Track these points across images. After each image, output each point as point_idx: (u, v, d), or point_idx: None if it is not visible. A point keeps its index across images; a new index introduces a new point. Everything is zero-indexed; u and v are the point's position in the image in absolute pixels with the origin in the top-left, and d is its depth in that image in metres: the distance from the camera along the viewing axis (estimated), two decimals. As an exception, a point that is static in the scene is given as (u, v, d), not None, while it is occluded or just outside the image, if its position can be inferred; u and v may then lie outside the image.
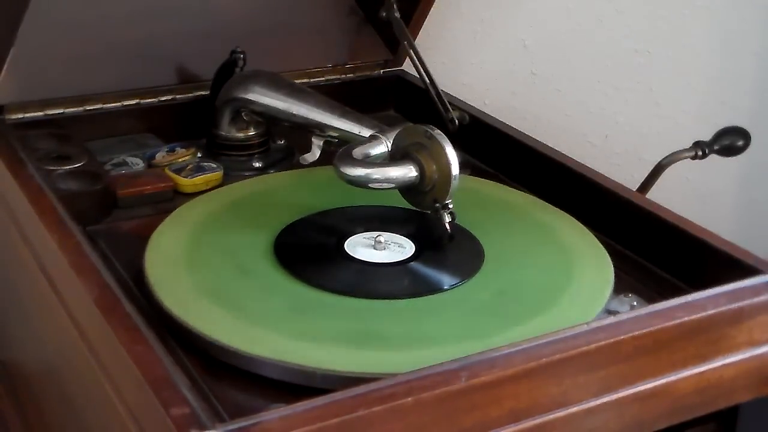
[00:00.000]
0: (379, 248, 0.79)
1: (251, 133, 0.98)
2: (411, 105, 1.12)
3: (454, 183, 0.79)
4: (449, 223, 0.80)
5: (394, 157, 0.83)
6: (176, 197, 0.91)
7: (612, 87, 1.42)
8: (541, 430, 0.63)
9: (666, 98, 1.45)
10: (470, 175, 0.96)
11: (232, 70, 0.99)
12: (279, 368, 0.65)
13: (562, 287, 0.75)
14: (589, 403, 0.65)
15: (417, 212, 0.84)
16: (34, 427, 0.90)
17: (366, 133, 0.87)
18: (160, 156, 0.96)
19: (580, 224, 0.85)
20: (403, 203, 0.84)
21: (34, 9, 0.89)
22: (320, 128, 0.92)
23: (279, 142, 1.01)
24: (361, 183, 0.79)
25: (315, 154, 0.94)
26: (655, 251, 0.82)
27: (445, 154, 0.79)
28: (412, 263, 0.78)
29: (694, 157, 1.04)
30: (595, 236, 0.83)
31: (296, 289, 0.75)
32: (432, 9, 1.10)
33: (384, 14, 1.04)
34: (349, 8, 1.12)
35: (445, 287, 0.76)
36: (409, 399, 0.58)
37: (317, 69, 1.11)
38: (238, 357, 0.67)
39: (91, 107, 0.99)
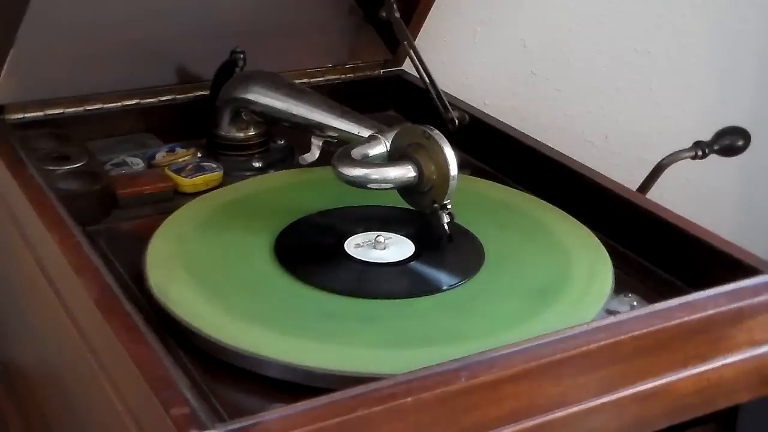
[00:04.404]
0: (379, 248, 0.79)
1: (251, 133, 0.98)
2: (411, 105, 1.12)
3: (453, 183, 0.79)
4: (448, 223, 0.80)
5: (392, 158, 0.83)
6: (176, 197, 0.91)
7: (612, 87, 1.42)
8: (541, 430, 0.63)
9: (666, 98, 1.45)
10: (470, 175, 0.96)
11: (232, 70, 0.99)
12: (279, 368, 0.65)
13: (562, 287, 0.75)
14: (589, 403, 0.65)
15: (417, 212, 0.84)
16: (34, 427, 0.90)
17: (365, 133, 0.87)
18: (160, 156, 0.96)
19: (580, 224, 0.85)
20: (404, 203, 0.84)
21: (34, 9, 0.89)
22: (320, 128, 0.92)
23: (279, 142, 1.01)
24: (359, 183, 0.79)
25: (314, 154, 0.94)
26: (655, 251, 0.82)
27: (444, 154, 0.79)
28: (412, 263, 0.78)
29: (694, 157, 1.04)
30: (595, 236, 0.83)
31: (296, 289, 0.75)
32: (432, 9, 1.10)
33: (384, 14, 1.04)
34: (349, 8, 1.12)
35: (445, 287, 0.76)
36: (409, 399, 0.58)
37: (317, 69, 1.11)
38: (238, 357, 0.67)
39: (91, 107, 0.99)
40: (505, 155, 0.98)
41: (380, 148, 0.83)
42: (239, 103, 0.96)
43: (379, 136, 0.84)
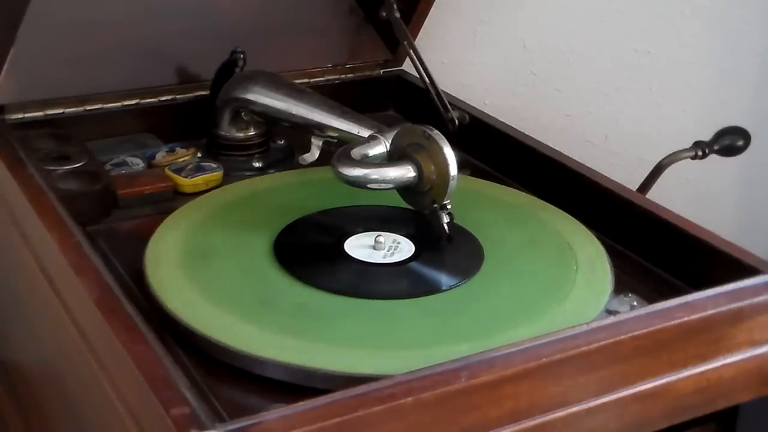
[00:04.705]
0: (379, 248, 0.79)
1: (251, 133, 0.98)
2: (411, 105, 1.12)
3: (452, 183, 0.79)
4: (447, 223, 0.80)
5: (392, 158, 0.83)
6: (176, 197, 0.91)
7: (612, 87, 1.42)
8: (541, 430, 0.63)
9: (666, 98, 1.45)
10: (470, 175, 0.96)
11: (232, 70, 0.99)
12: (279, 368, 0.65)
13: (562, 287, 0.75)
14: (589, 403, 0.65)
15: (417, 212, 0.84)
16: (34, 427, 0.90)
17: (365, 133, 0.87)
18: (160, 156, 0.96)
19: (580, 224, 0.85)
20: (404, 203, 0.84)
21: (34, 9, 0.89)
22: (319, 128, 0.92)
23: (279, 142, 1.01)
24: (359, 183, 0.79)
25: (314, 154, 0.94)
26: (655, 251, 0.82)
27: (443, 154, 0.79)
28: (411, 263, 0.78)
29: (694, 157, 1.04)
30: (595, 236, 0.83)
31: (296, 289, 0.75)
32: (432, 9, 1.10)
33: (384, 14, 1.04)
34: (349, 8, 1.12)
35: (445, 287, 0.76)
36: (409, 399, 0.58)
37: (317, 69, 1.11)
38: (238, 357, 0.67)
39: (91, 107, 0.99)
40: (505, 155, 0.98)
41: (380, 148, 0.83)
42: (239, 103, 0.96)
43: (379, 136, 0.84)
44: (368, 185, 0.79)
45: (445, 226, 0.80)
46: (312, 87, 1.01)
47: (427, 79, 1.00)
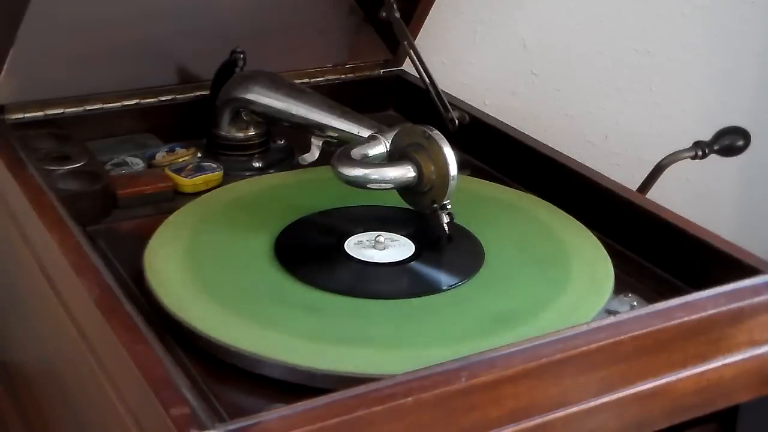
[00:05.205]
0: (379, 248, 0.79)
1: (251, 133, 0.98)
2: (411, 105, 1.12)
3: (452, 184, 0.79)
4: (447, 223, 0.80)
5: (392, 158, 0.83)
6: (176, 197, 0.91)
7: (612, 87, 1.42)
8: (541, 430, 0.63)
9: (666, 98, 1.45)
10: (470, 175, 0.96)
11: (232, 70, 0.99)
12: (279, 368, 0.66)
13: (562, 287, 0.75)
14: (589, 403, 0.65)
15: (417, 212, 0.84)
16: (34, 427, 0.90)
17: (365, 133, 0.87)
18: (160, 156, 0.96)
19: (580, 224, 0.85)
20: (404, 203, 0.84)
21: (34, 9, 0.89)
22: (319, 128, 0.92)
23: (279, 142, 1.01)
24: (359, 183, 0.79)
25: (314, 154, 0.94)
26: (655, 251, 0.82)
27: (443, 154, 0.79)
28: (412, 263, 0.78)
29: (694, 157, 1.04)
30: (595, 236, 0.83)
31: (296, 289, 0.75)
32: (432, 9, 1.10)
33: (384, 14, 1.04)
34: (349, 8, 1.12)
35: (445, 287, 0.76)
36: (409, 399, 0.58)
37: (317, 69, 1.11)
38: (238, 357, 0.67)
39: (91, 107, 0.99)
40: (505, 155, 0.98)
41: (380, 148, 0.83)
42: (239, 103, 0.96)
43: (379, 136, 0.84)
44: (368, 185, 0.79)
45: (445, 226, 0.80)
46: (312, 87, 1.01)
47: (427, 79, 1.00)
